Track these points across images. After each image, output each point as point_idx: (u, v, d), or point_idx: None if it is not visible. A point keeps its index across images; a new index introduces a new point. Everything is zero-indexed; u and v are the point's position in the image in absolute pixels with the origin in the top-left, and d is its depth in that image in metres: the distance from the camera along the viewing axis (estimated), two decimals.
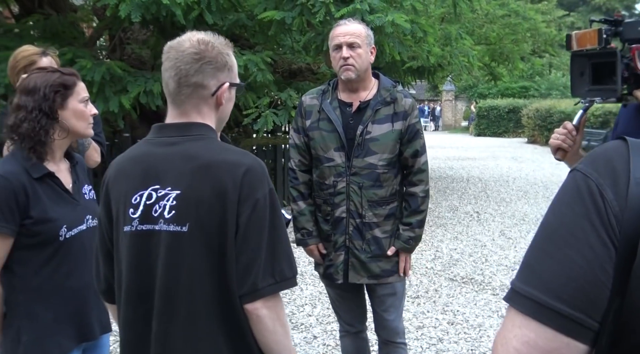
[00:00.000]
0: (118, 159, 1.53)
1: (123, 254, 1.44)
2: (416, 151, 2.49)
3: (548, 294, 0.75)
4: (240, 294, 1.37)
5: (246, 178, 1.37)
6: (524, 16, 11.53)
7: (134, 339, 1.44)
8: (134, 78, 7.07)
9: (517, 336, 0.77)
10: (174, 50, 1.42)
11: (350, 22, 2.49)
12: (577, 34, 1.90)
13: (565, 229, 0.77)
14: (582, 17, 44.45)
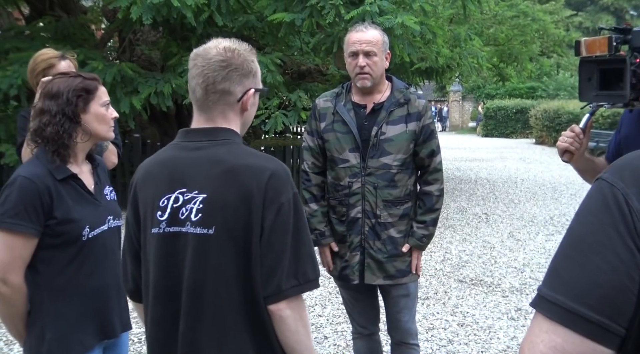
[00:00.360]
0: (146, 163, 1.56)
1: (150, 255, 1.47)
2: (432, 150, 2.52)
3: (575, 300, 0.77)
4: (265, 295, 1.40)
5: (271, 182, 1.40)
6: (533, 17, 11.53)
7: (162, 338, 1.48)
8: (145, 79, 7.14)
9: (544, 341, 0.80)
10: (200, 57, 1.45)
11: (367, 28, 2.50)
12: (587, 41, 1.96)
13: (592, 237, 0.79)
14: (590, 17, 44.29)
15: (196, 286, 1.42)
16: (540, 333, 0.81)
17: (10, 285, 1.73)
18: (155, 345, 1.49)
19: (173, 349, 1.45)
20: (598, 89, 1.97)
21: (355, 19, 6.20)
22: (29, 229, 1.72)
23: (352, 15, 6.20)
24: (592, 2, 46.26)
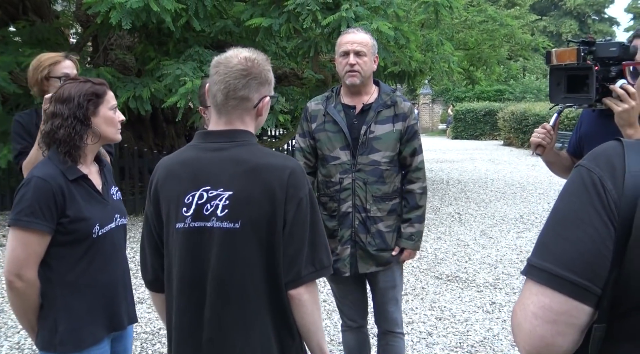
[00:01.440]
0: (166, 162, 1.67)
1: (175, 248, 1.59)
2: (414, 149, 2.69)
3: (561, 267, 0.94)
4: (286, 281, 1.55)
5: (291, 179, 1.54)
6: (501, 22, 11.87)
7: (187, 325, 1.59)
8: (123, 83, 7.16)
9: (534, 302, 0.95)
10: (222, 65, 1.57)
11: (358, 31, 2.67)
12: (557, 51, 2.27)
13: (574, 214, 0.96)
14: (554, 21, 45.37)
15: (223, 276, 1.54)
16: (530, 295, 0.96)
17: (25, 280, 1.83)
18: (182, 331, 1.60)
19: (197, 335, 1.56)
20: (566, 92, 2.28)
21: (332, 25, 6.36)
22: (43, 227, 1.81)
23: (328, 21, 6.34)
24: (556, 7, 47.40)
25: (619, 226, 0.92)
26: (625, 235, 0.92)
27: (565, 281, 0.93)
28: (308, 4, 6.38)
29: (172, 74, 6.67)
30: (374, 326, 3.02)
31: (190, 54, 7.15)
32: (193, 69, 6.74)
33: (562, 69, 2.26)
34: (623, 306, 0.94)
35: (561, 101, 2.32)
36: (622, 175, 0.93)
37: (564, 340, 0.94)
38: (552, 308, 0.94)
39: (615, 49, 2.17)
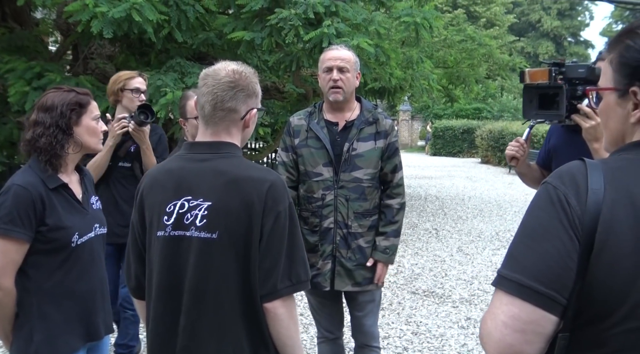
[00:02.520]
0: (153, 171, 1.70)
1: (155, 255, 1.61)
2: (395, 166, 2.73)
3: (530, 278, 0.99)
4: (262, 294, 1.56)
5: (270, 192, 1.56)
6: (480, 42, 12.08)
7: (162, 333, 1.60)
8: (103, 93, 7.10)
9: (504, 312, 1.00)
10: (210, 78, 1.61)
11: (341, 47, 2.71)
12: (530, 71, 2.47)
13: (541, 228, 1.01)
14: (531, 43, 46.31)
15: (199, 285, 1.55)
16: (501, 305, 1.00)
17: (2, 288, 1.81)
18: (156, 339, 1.61)
19: (172, 343, 1.58)
20: (537, 109, 2.48)
21: (314, 40, 6.42)
22: (22, 235, 1.80)
23: (310, 36, 6.40)
24: (534, 29, 48.40)
25: (583, 240, 0.97)
26: (588, 249, 0.97)
27: (534, 291, 0.98)
28: (291, 19, 6.43)
29: (153, 85, 6.65)
30: (351, 340, 3.03)
31: (171, 65, 7.14)
32: (174, 80, 6.74)
33: (535, 87, 2.46)
34: (585, 316, 0.99)
35: (533, 117, 2.53)
36: (585, 192, 0.99)
37: (532, 348, 0.98)
38: (521, 317, 0.98)
39: (583, 70, 2.37)
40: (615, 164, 1.04)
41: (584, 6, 50.39)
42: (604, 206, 0.97)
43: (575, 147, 2.45)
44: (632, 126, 1.08)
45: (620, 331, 0.97)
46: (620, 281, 0.96)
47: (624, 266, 0.96)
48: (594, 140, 2.31)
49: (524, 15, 48.35)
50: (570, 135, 2.55)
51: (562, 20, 47.71)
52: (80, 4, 6.29)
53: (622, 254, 0.96)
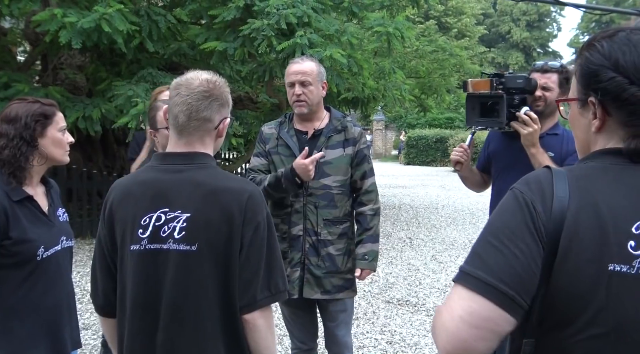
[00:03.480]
0: (122, 183, 1.65)
1: (129, 270, 1.56)
2: (364, 173, 2.74)
3: (492, 276, 0.99)
4: (241, 305, 1.54)
5: (249, 203, 1.54)
6: (451, 52, 12.27)
7: (140, 348, 1.56)
8: (72, 103, 7.02)
9: (462, 307, 1.00)
10: (184, 87, 1.58)
11: (303, 60, 2.72)
12: (473, 81, 2.65)
13: (507, 229, 1.02)
14: (501, 53, 47.20)
15: (177, 299, 1.52)
16: (459, 300, 1.01)
17: None
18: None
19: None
20: (479, 116, 2.64)
21: (287, 51, 6.44)
22: None
23: (283, 46, 6.42)
24: (504, 40, 49.32)
25: (547, 246, 0.99)
26: (552, 255, 0.98)
27: (496, 290, 0.98)
28: (263, 29, 6.45)
29: (124, 95, 6.60)
30: (325, 351, 3.02)
31: (143, 75, 7.08)
32: (145, 90, 6.68)
33: (477, 96, 2.63)
34: (549, 322, 1.00)
35: (475, 124, 2.69)
36: (550, 199, 1.00)
37: (484, 346, 0.99)
38: (480, 314, 0.98)
39: (522, 81, 2.56)
40: (580, 172, 1.05)
41: (552, 18, 51.60)
42: (569, 213, 0.99)
43: (512, 152, 2.65)
44: (594, 135, 1.10)
45: (584, 338, 0.98)
46: (582, 288, 0.97)
47: (586, 273, 0.97)
48: (531, 145, 2.49)
49: (494, 26, 49.27)
50: (508, 141, 2.71)
51: (531, 32, 48.74)
52: (48, 14, 6.22)
53: (585, 260, 0.97)
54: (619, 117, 1.05)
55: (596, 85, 1.06)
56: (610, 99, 1.05)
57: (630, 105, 1.02)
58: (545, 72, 2.63)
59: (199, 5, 7.17)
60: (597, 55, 1.06)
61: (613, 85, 1.03)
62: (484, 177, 2.97)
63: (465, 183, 2.98)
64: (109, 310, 1.65)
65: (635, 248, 0.97)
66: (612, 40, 1.06)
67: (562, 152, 2.61)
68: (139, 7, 6.88)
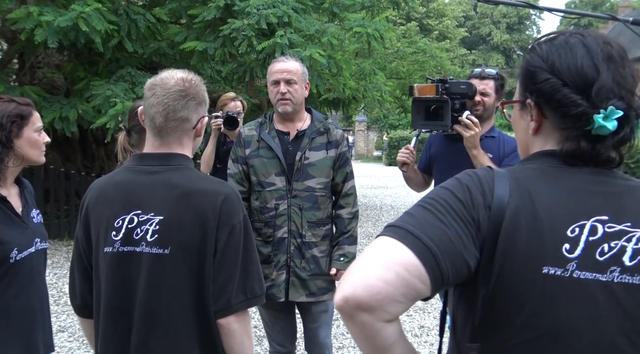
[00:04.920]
0: (98, 184, 1.62)
1: (103, 272, 1.53)
2: (346, 175, 2.74)
3: (421, 231, 0.96)
4: (215, 309, 1.51)
5: (224, 206, 1.51)
6: (431, 54, 12.35)
7: (112, 351, 1.54)
8: (49, 103, 6.93)
9: (378, 249, 0.96)
10: (159, 87, 1.54)
11: (288, 59, 2.70)
12: (419, 86, 2.76)
13: (445, 201, 1.00)
14: (482, 55, 47.63)
15: (151, 303, 1.50)
16: (377, 245, 0.97)
17: None
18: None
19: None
20: (424, 119, 2.76)
21: (267, 50, 6.42)
22: None
23: (263, 46, 6.39)
24: (484, 42, 49.77)
25: (485, 247, 0.97)
26: (490, 257, 0.96)
27: (421, 242, 0.94)
28: (244, 29, 6.42)
29: (102, 95, 6.52)
30: (304, 353, 3.00)
31: (121, 74, 7.00)
32: (124, 90, 6.61)
33: (423, 100, 2.75)
34: (490, 325, 0.99)
35: (420, 127, 2.81)
36: (491, 197, 0.99)
37: (393, 308, 0.93)
38: (395, 258, 0.93)
39: (465, 87, 2.70)
40: (520, 173, 1.04)
41: (531, 21, 52.22)
42: (507, 213, 0.97)
43: (454, 154, 2.82)
44: (532, 137, 1.10)
45: (520, 341, 0.97)
46: (518, 290, 0.96)
47: (522, 275, 0.96)
48: (473, 147, 2.65)
49: (475, 28, 49.71)
50: (449, 143, 2.88)
51: (511, 34, 49.27)
52: (24, 12, 6.12)
53: (521, 262, 0.96)
54: (553, 120, 1.05)
55: (532, 87, 1.06)
56: (545, 101, 1.04)
57: (563, 107, 1.02)
58: (484, 79, 2.82)
59: (179, 4, 7.11)
60: (536, 58, 1.07)
61: (547, 87, 1.03)
62: (425, 178, 3.13)
63: (409, 183, 3.13)
64: (87, 311, 1.63)
65: (570, 251, 0.96)
66: (551, 43, 1.07)
67: (499, 154, 2.79)
68: (118, 6, 6.80)
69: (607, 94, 1.00)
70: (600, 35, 1.07)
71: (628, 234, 0.98)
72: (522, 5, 2.93)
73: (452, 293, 1.12)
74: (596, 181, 1.02)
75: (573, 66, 1.02)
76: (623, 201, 1.01)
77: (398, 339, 0.99)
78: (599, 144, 1.01)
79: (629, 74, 1.03)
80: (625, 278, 0.96)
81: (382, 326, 0.95)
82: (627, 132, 1.01)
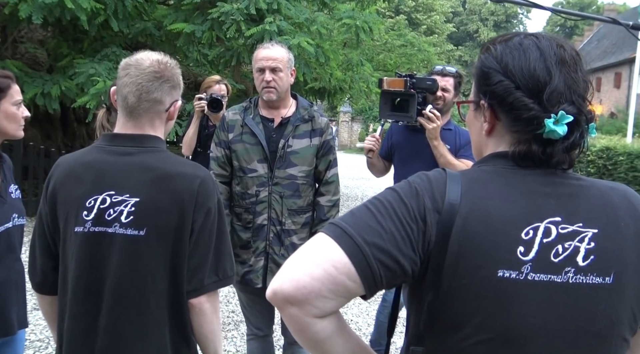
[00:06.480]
0: (66, 161, 1.59)
1: (72, 252, 1.52)
2: (329, 163, 2.74)
3: (356, 231, 0.95)
4: (189, 290, 1.52)
5: (201, 189, 1.52)
6: (419, 48, 12.36)
7: (79, 331, 1.53)
8: (31, 79, 6.81)
9: (311, 246, 0.97)
10: (133, 67, 1.53)
11: (273, 46, 2.68)
12: (388, 80, 2.97)
13: (390, 204, 0.99)
14: (468, 52, 47.80)
15: (123, 284, 1.49)
16: (312, 242, 0.98)
17: None
18: (73, 339, 1.53)
19: (90, 343, 1.51)
20: (390, 110, 3.00)
21: (255, 36, 6.38)
22: None
23: (252, 32, 6.35)
24: (471, 39, 49.96)
25: (434, 250, 0.96)
26: (441, 259, 0.96)
27: (353, 242, 0.94)
28: (233, 13, 6.37)
29: (85, 73, 6.42)
30: (281, 338, 3.02)
31: (106, 53, 6.91)
32: (108, 70, 6.52)
33: (390, 93, 2.97)
34: (439, 328, 0.98)
35: (387, 117, 3.04)
36: (441, 201, 0.98)
37: (321, 303, 0.94)
38: (325, 255, 0.94)
39: (430, 82, 2.90)
40: (474, 175, 1.04)
41: (518, 19, 52.53)
42: (459, 217, 0.96)
43: (414, 143, 3.08)
44: (485, 138, 1.09)
45: (472, 343, 0.97)
46: (472, 293, 0.95)
47: (476, 278, 0.95)
48: (434, 138, 2.90)
49: (463, 24, 49.86)
50: (409, 133, 3.13)
51: (498, 32, 49.44)
52: None
53: (475, 266, 0.95)
54: (506, 122, 1.04)
55: (486, 88, 1.05)
56: (498, 103, 1.04)
57: (515, 110, 1.01)
58: (445, 76, 3.05)
59: None
60: (490, 59, 1.06)
61: (500, 89, 1.02)
62: (385, 164, 3.37)
63: (371, 169, 3.38)
64: (47, 288, 1.62)
65: (525, 254, 0.96)
66: (506, 44, 1.06)
67: (456, 145, 3.05)
68: None
69: (558, 99, 0.99)
70: (555, 38, 1.05)
71: (581, 234, 0.98)
72: (528, 5, 2.96)
73: (404, 294, 1.12)
74: (549, 183, 1.01)
75: (526, 69, 1.01)
76: (575, 201, 1.01)
77: (333, 335, 0.99)
78: (550, 148, 1.00)
79: (582, 79, 1.02)
80: (580, 278, 0.96)
81: (312, 321, 0.96)
82: (576, 137, 1.00)
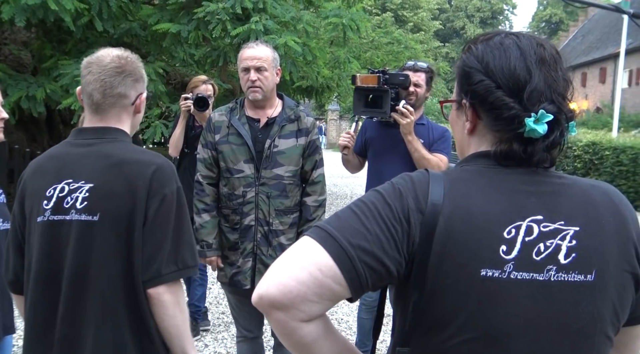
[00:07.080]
0: (37, 159, 1.63)
1: (35, 243, 1.53)
2: (315, 163, 2.74)
3: (341, 234, 0.96)
4: (144, 279, 1.50)
5: (155, 175, 1.52)
6: (406, 45, 12.38)
7: (41, 321, 1.53)
8: (15, 81, 6.73)
9: (297, 249, 0.97)
10: (95, 65, 1.57)
11: (258, 45, 2.67)
12: (361, 76, 2.99)
13: (374, 206, 0.99)
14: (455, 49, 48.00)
15: (78, 271, 1.49)
16: (302, 249, 0.97)
17: None
18: (34, 329, 1.54)
19: (51, 334, 1.50)
20: (364, 106, 3.00)
21: (242, 36, 6.35)
22: None
23: (238, 31, 6.32)
24: (458, 35, 50.14)
25: (418, 250, 0.96)
26: (425, 259, 0.96)
27: (336, 242, 0.94)
28: (218, 13, 6.34)
29: (70, 74, 6.36)
30: (271, 339, 3.01)
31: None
32: None
33: (364, 89, 2.97)
34: (423, 328, 0.99)
35: (361, 113, 3.07)
36: (424, 201, 0.99)
37: (307, 307, 0.94)
38: (311, 259, 0.94)
39: (403, 78, 2.93)
40: (457, 175, 1.04)
41: (504, 16, 52.78)
42: (441, 217, 0.97)
43: (388, 138, 3.11)
44: (468, 137, 1.10)
45: (456, 343, 0.97)
46: (455, 292, 0.96)
47: (460, 278, 0.96)
48: (408, 133, 2.94)
49: (449, 21, 50.03)
50: (384, 128, 3.14)
51: (484, 28, 49.67)
52: None
53: (458, 265, 0.96)
54: (487, 121, 1.05)
55: (467, 88, 1.06)
56: (479, 102, 1.04)
57: (495, 109, 1.02)
58: (417, 71, 3.09)
59: None
60: (472, 58, 1.06)
61: (481, 88, 1.03)
62: (360, 160, 3.38)
63: (346, 165, 3.40)
64: (18, 287, 1.63)
65: (507, 253, 0.96)
66: (487, 43, 1.06)
67: (429, 139, 3.10)
68: None
69: (538, 98, 1.00)
70: (535, 37, 1.06)
71: (562, 232, 0.98)
72: None
73: (389, 295, 1.12)
74: (530, 181, 1.02)
75: (506, 68, 1.01)
76: (557, 199, 1.01)
77: (319, 338, 0.99)
78: (531, 147, 1.01)
79: (561, 77, 1.03)
80: (562, 276, 0.97)
81: (298, 325, 0.96)
82: (557, 136, 1.01)
